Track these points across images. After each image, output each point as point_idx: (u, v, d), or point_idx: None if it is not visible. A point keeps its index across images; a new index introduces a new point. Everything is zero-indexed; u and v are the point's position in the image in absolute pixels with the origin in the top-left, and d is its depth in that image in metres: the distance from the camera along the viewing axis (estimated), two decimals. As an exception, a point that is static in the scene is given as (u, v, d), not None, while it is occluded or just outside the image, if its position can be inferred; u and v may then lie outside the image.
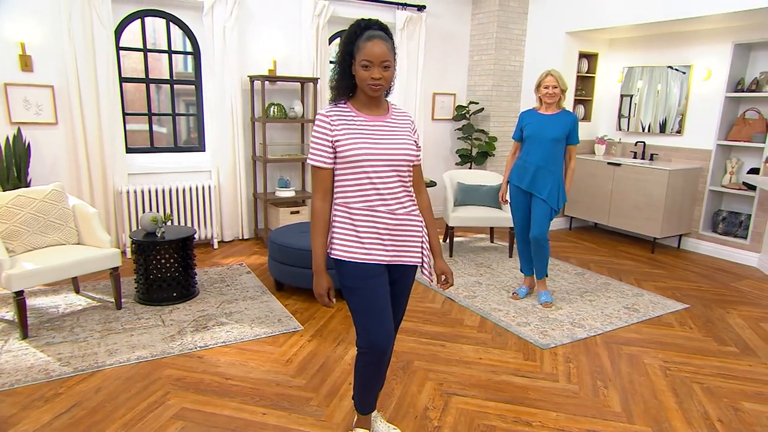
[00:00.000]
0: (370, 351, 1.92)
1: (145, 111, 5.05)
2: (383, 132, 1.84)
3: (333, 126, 1.80)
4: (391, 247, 1.89)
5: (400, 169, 1.86)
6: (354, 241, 1.85)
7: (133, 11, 4.77)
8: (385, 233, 1.87)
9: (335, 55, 1.84)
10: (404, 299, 2.08)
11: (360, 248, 1.85)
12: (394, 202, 1.86)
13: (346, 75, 1.81)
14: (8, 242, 3.26)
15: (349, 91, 1.84)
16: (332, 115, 1.82)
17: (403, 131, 1.88)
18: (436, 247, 2.05)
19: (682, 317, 3.72)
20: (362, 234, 1.84)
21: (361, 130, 1.81)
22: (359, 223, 1.84)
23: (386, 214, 1.85)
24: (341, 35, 1.92)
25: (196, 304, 3.65)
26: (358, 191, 1.83)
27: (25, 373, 2.69)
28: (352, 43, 1.77)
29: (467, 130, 6.15)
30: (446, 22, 6.20)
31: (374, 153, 1.79)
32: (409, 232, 1.93)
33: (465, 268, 4.65)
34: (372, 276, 1.87)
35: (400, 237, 1.90)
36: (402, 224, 1.90)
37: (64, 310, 3.51)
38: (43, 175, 4.47)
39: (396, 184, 1.86)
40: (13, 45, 4.25)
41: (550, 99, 3.65)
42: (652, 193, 5.19)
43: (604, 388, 2.75)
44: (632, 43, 5.86)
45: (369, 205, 1.83)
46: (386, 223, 1.86)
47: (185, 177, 5.06)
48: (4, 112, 4.30)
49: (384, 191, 1.84)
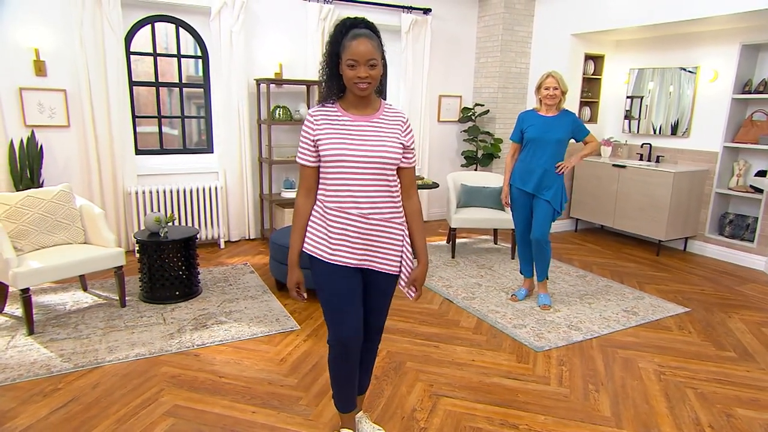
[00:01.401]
0: (336, 345, 1.98)
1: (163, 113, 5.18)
2: (366, 132, 1.82)
3: (316, 125, 1.83)
4: (362, 250, 1.89)
5: (382, 171, 1.82)
6: (324, 239, 1.88)
7: (144, 17, 4.89)
8: (355, 236, 1.86)
9: (322, 54, 1.84)
10: (381, 304, 2.02)
11: (328, 247, 1.88)
12: (369, 205, 1.84)
13: (333, 75, 1.81)
14: (17, 241, 3.38)
15: (338, 90, 1.85)
16: (317, 115, 1.85)
17: (390, 132, 1.84)
18: (424, 254, 1.99)
19: (681, 321, 3.69)
20: (333, 233, 1.86)
21: (343, 130, 1.81)
22: (331, 223, 1.86)
23: (358, 217, 1.84)
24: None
25: (198, 303, 3.73)
26: (333, 191, 1.84)
27: (28, 368, 2.79)
28: (338, 43, 1.76)
29: (473, 132, 6.15)
30: (452, 24, 6.22)
31: (351, 153, 1.78)
32: (384, 238, 1.90)
33: (466, 269, 4.67)
34: (340, 275, 1.90)
35: (373, 242, 1.89)
36: (376, 230, 1.87)
37: (70, 307, 3.62)
38: (55, 176, 4.61)
39: (374, 187, 1.83)
40: (28, 51, 4.39)
41: (550, 101, 3.64)
42: (657, 196, 5.14)
43: (596, 392, 2.75)
44: (639, 44, 5.81)
45: (341, 206, 1.83)
46: (357, 227, 1.85)
47: (193, 178, 5.16)
48: (19, 115, 4.44)
49: (359, 194, 1.82)
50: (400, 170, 1.93)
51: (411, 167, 1.95)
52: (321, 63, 1.84)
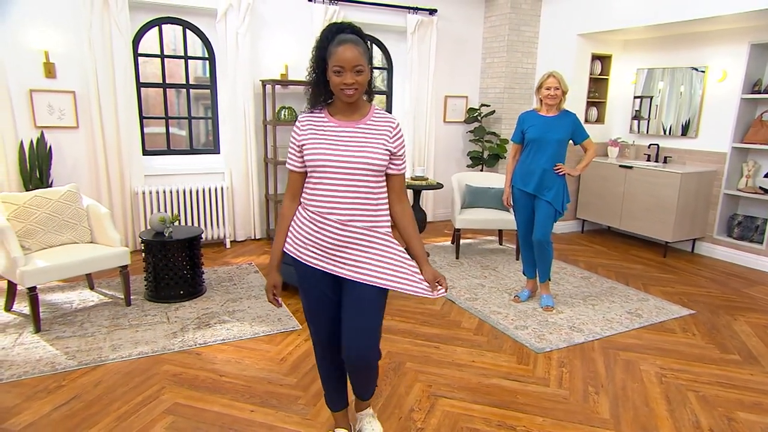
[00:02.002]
0: (315, 344, 2.04)
1: (171, 114, 5.24)
2: (350, 138, 1.80)
3: (302, 131, 1.84)
4: (338, 257, 1.85)
5: (364, 178, 1.79)
6: (301, 240, 1.88)
7: (151, 19, 4.95)
8: (330, 242, 1.83)
9: (309, 60, 1.82)
10: (363, 307, 1.88)
11: (303, 248, 1.88)
12: (348, 212, 1.80)
13: (320, 81, 1.80)
14: (25, 240, 3.44)
15: (326, 96, 1.84)
16: (304, 121, 1.86)
17: (376, 138, 1.81)
18: (422, 256, 1.93)
19: (686, 323, 3.65)
20: (309, 236, 1.86)
21: (326, 136, 1.81)
22: (309, 226, 1.85)
23: (335, 223, 1.81)
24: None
25: (201, 302, 3.77)
26: (314, 196, 1.83)
27: (33, 365, 2.84)
28: (324, 48, 1.75)
29: (479, 133, 6.14)
30: (458, 25, 6.21)
31: (332, 159, 1.77)
32: (364, 247, 1.84)
33: (470, 270, 4.66)
34: (313, 277, 1.90)
35: (350, 250, 1.84)
36: (354, 238, 1.83)
37: (77, 305, 3.67)
38: (64, 176, 4.68)
39: (355, 194, 1.80)
40: (38, 53, 4.46)
41: (551, 101, 3.63)
42: (663, 197, 5.10)
43: (595, 394, 2.73)
44: (646, 44, 5.76)
45: (321, 210, 1.82)
46: (333, 233, 1.81)
47: (200, 178, 5.21)
48: (29, 116, 4.52)
49: (339, 200, 1.80)
50: (389, 177, 1.90)
51: (400, 174, 1.92)
52: (308, 69, 1.82)
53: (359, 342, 1.87)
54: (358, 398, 2.20)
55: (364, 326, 1.87)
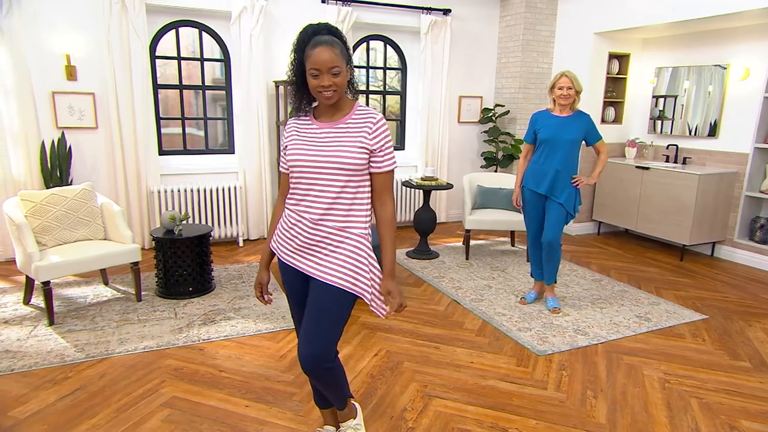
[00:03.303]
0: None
1: (188, 115, 5.39)
2: (327, 138, 1.80)
3: (287, 135, 1.88)
4: (306, 255, 1.85)
5: (338, 177, 1.78)
6: (280, 237, 1.91)
7: (168, 22, 5.07)
8: (301, 239, 1.84)
9: (288, 64, 1.82)
10: (319, 310, 1.83)
11: (281, 244, 1.91)
12: (321, 212, 1.80)
13: (300, 84, 1.80)
14: (41, 236, 3.57)
15: (308, 98, 1.85)
16: (289, 125, 1.89)
17: (352, 136, 1.79)
18: (387, 265, 1.86)
19: (696, 328, 3.56)
20: (286, 233, 1.88)
21: (305, 138, 1.82)
22: (288, 223, 1.88)
23: (309, 222, 1.81)
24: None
25: (209, 299, 3.85)
26: (293, 195, 1.86)
27: (44, 356, 2.95)
28: (302, 51, 1.73)
29: (493, 133, 6.10)
30: (473, 24, 6.18)
31: (306, 160, 1.78)
32: (332, 247, 1.83)
33: (479, 271, 4.64)
34: (288, 274, 1.94)
35: (320, 249, 1.83)
36: (327, 238, 1.82)
37: (91, 300, 3.80)
38: (83, 175, 4.84)
39: (330, 193, 1.79)
40: (60, 56, 4.63)
41: (564, 100, 3.58)
42: (681, 198, 4.97)
43: (593, 398, 2.69)
44: (666, 42, 5.62)
45: (297, 209, 1.84)
46: (304, 231, 1.82)
47: (214, 178, 5.32)
48: (51, 117, 4.69)
49: (314, 200, 1.80)
50: (371, 176, 1.87)
51: (382, 173, 1.84)
52: (287, 73, 1.83)
53: (306, 349, 1.82)
54: (332, 407, 2.17)
55: (315, 331, 1.82)
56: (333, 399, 2.04)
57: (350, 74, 1.82)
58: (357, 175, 1.81)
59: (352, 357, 3.05)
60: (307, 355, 1.82)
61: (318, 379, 1.91)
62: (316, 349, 1.82)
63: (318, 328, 1.82)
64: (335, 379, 1.95)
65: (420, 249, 5.05)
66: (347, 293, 1.84)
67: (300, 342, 1.86)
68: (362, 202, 1.86)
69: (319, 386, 1.98)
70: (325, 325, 1.83)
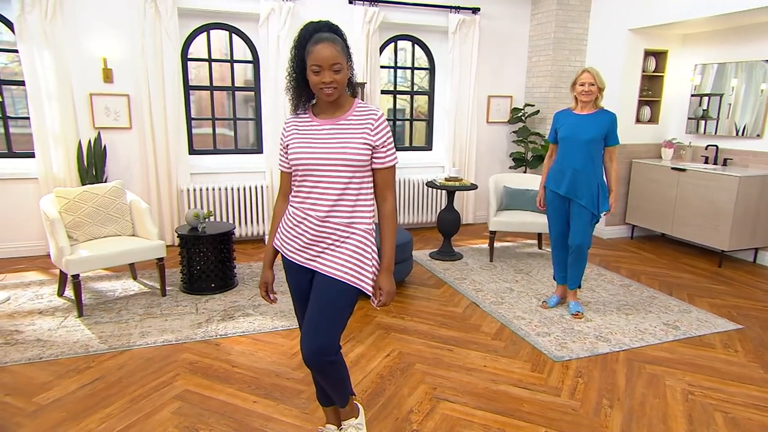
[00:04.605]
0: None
1: (220, 116, 5.54)
2: (329, 135, 1.81)
3: (287, 133, 1.89)
4: (312, 251, 1.86)
5: (343, 174, 1.79)
6: (285, 235, 1.92)
7: (200, 25, 5.21)
8: (308, 236, 1.85)
9: (288, 61, 1.84)
10: (322, 305, 1.85)
11: (286, 243, 1.92)
12: (328, 209, 1.81)
13: (300, 81, 1.82)
14: (73, 232, 3.73)
15: (308, 96, 1.86)
16: (289, 123, 1.90)
17: (355, 133, 1.80)
18: (385, 260, 1.88)
19: (729, 339, 3.38)
20: (291, 231, 1.89)
21: (307, 135, 1.83)
22: (292, 221, 1.89)
23: (315, 220, 1.82)
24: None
25: (231, 296, 3.93)
26: (297, 193, 1.87)
27: (70, 346, 3.08)
28: (303, 48, 1.75)
29: (522, 133, 5.98)
30: (503, 23, 6.07)
31: (310, 157, 1.79)
32: (337, 241, 1.84)
33: (502, 273, 4.55)
34: (292, 272, 1.94)
35: (326, 245, 1.85)
36: (330, 232, 1.83)
37: (119, 294, 3.94)
38: (118, 173, 5.03)
39: (335, 190, 1.80)
40: (98, 60, 4.83)
41: (586, 97, 3.47)
42: (719, 201, 4.73)
43: (609, 408, 2.59)
44: (709, 37, 5.36)
45: (303, 207, 1.85)
46: (312, 228, 1.83)
47: (242, 177, 5.43)
48: (89, 118, 4.90)
49: (319, 197, 1.81)
50: (373, 172, 1.88)
51: (385, 168, 1.86)
52: (287, 69, 1.84)
53: (309, 342, 1.84)
54: (335, 405, 2.17)
55: (318, 324, 1.84)
56: (334, 395, 2.05)
57: (350, 72, 1.83)
58: (360, 171, 1.82)
59: (364, 357, 3.04)
60: (310, 348, 1.83)
61: (320, 373, 1.92)
62: (318, 342, 1.83)
63: (321, 321, 1.84)
64: (337, 374, 1.96)
65: (443, 250, 5.01)
66: (351, 287, 1.85)
67: (303, 335, 1.88)
68: (366, 197, 1.87)
69: (320, 381, 1.99)
70: (328, 318, 1.84)
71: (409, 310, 3.74)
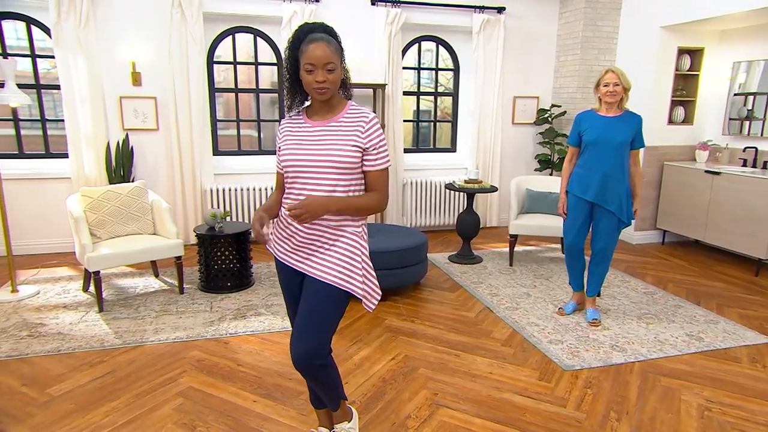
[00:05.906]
0: None
1: (248, 117, 5.66)
2: (320, 137, 1.80)
3: (281, 135, 1.90)
4: (302, 253, 1.87)
5: (332, 176, 1.78)
6: (277, 236, 1.93)
7: (225, 29, 5.33)
8: (298, 238, 1.85)
9: (284, 61, 1.84)
10: (312, 308, 1.84)
11: (277, 242, 1.93)
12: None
13: (294, 81, 1.83)
14: (96, 230, 3.87)
15: (302, 97, 1.87)
16: (283, 125, 1.92)
17: (346, 135, 1.79)
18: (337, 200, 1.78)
19: (758, 352, 3.19)
20: (283, 231, 1.90)
21: (298, 137, 1.84)
22: (284, 221, 1.89)
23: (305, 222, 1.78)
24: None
25: (246, 295, 3.99)
26: (288, 194, 1.87)
27: (87, 340, 3.20)
28: (297, 48, 1.77)
29: (549, 135, 5.83)
30: (529, 22, 5.94)
31: (300, 159, 1.79)
32: (327, 243, 1.85)
33: (520, 278, 4.45)
34: (284, 273, 1.95)
35: (316, 247, 1.85)
36: (323, 236, 1.84)
37: (139, 291, 4.06)
38: (144, 173, 5.19)
39: (321, 192, 1.78)
40: (127, 64, 5.01)
41: (611, 98, 3.36)
42: (756, 207, 4.48)
43: (616, 421, 2.49)
44: (750, 33, 5.08)
45: None
46: (303, 231, 1.83)
47: (265, 178, 5.50)
48: (118, 120, 5.08)
49: None
50: (365, 174, 1.86)
51: (375, 170, 1.84)
52: (283, 70, 1.86)
53: (298, 345, 1.83)
54: (326, 408, 2.16)
55: (307, 327, 1.84)
56: (325, 398, 2.05)
57: (344, 74, 1.83)
58: (348, 173, 1.81)
59: (369, 359, 3.03)
60: (300, 352, 1.84)
61: (310, 377, 1.92)
62: (308, 346, 1.83)
63: (310, 324, 1.84)
64: (328, 378, 1.95)
65: (462, 253, 4.94)
66: (340, 290, 1.85)
67: (292, 338, 1.88)
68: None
69: (311, 384, 2.00)
70: (318, 322, 1.84)
71: (421, 314, 3.71)
